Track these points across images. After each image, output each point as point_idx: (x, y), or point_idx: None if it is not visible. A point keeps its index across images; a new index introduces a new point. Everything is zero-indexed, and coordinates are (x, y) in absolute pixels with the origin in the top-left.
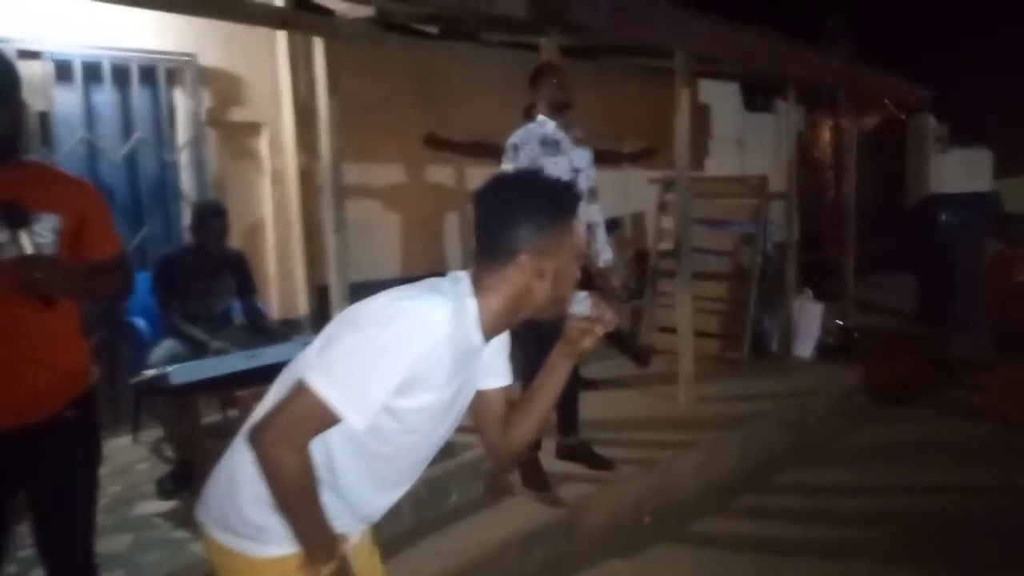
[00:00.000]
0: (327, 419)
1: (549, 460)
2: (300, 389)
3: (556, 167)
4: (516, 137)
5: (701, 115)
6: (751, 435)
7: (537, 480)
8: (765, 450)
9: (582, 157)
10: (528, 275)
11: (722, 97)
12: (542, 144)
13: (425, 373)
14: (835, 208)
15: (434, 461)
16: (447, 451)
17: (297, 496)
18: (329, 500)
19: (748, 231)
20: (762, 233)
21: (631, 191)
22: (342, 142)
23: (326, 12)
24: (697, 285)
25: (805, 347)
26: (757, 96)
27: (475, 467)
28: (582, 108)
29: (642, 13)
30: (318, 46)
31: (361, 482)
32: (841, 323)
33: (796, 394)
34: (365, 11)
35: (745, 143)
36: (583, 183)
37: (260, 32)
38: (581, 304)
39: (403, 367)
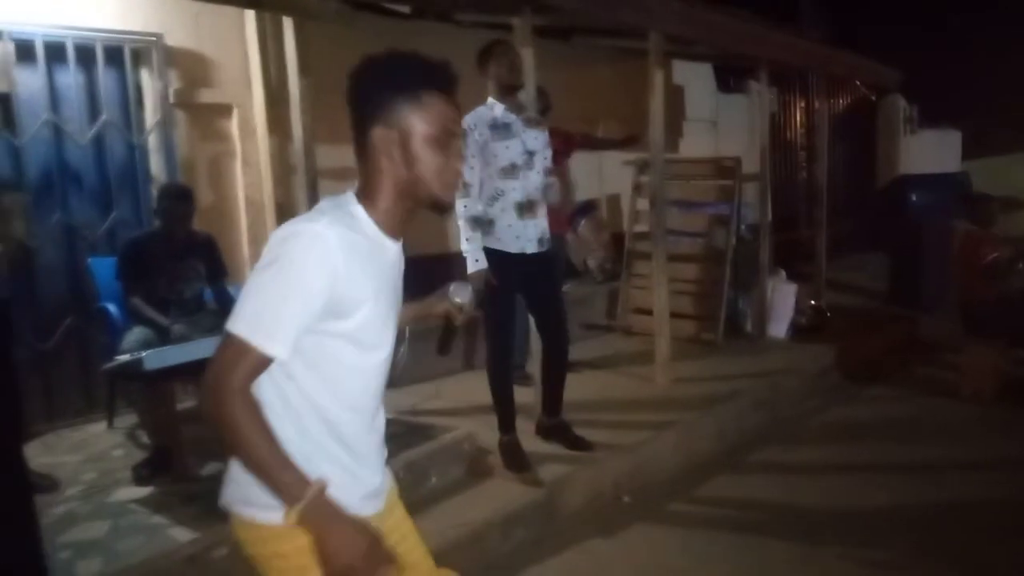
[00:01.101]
0: (253, 359)
1: (529, 440)
2: (225, 339)
3: (508, 151)
4: (466, 121)
5: (675, 96)
6: (727, 415)
7: (517, 461)
8: (741, 429)
9: (536, 139)
10: (381, 154)
11: (696, 78)
12: (491, 128)
13: (345, 290)
14: (807, 189)
15: (414, 444)
16: (427, 433)
17: (251, 442)
18: (336, 454)
19: (722, 213)
20: (736, 215)
21: (606, 173)
22: (314, 123)
23: None
24: (672, 267)
25: (779, 327)
26: (730, 77)
27: (455, 449)
28: (555, 91)
29: None
30: (288, 26)
31: (352, 419)
32: (814, 303)
33: (770, 374)
34: None
35: (719, 124)
36: (539, 165)
37: (228, 11)
38: (462, 293)
39: (309, 293)
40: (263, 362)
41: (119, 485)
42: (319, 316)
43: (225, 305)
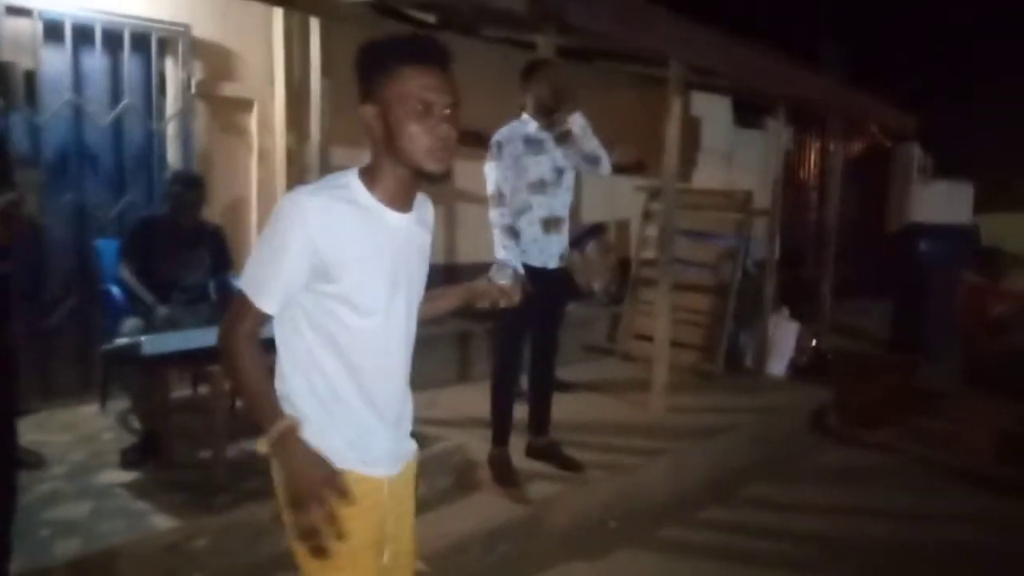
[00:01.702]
0: (252, 312)
1: (519, 458)
2: (235, 294)
3: (538, 166)
4: (500, 135)
5: (692, 127)
6: (720, 447)
7: (507, 477)
8: (733, 463)
9: (566, 156)
10: (371, 129)
11: (713, 111)
12: (525, 143)
13: (327, 253)
14: (817, 229)
15: None
16: (418, 442)
17: (243, 377)
18: (340, 410)
19: (730, 245)
20: (744, 248)
21: (617, 198)
22: (333, 124)
23: None
24: (677, 295)
25: (779, 365)
26: (748, 113)
27: (444, 460)
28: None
29: (641, 19)
30: (314, 26)
31: (358, 379)
32: (815, 344)
33: (767, 410)
34: None
35: (733, 158)
36: (568, 183)
37: (256, 7)
38: (504, 275)
39: (288, 255)
40: (260, 315)
41: (106, 468)
42: (309, 276)
43: (225, 296)
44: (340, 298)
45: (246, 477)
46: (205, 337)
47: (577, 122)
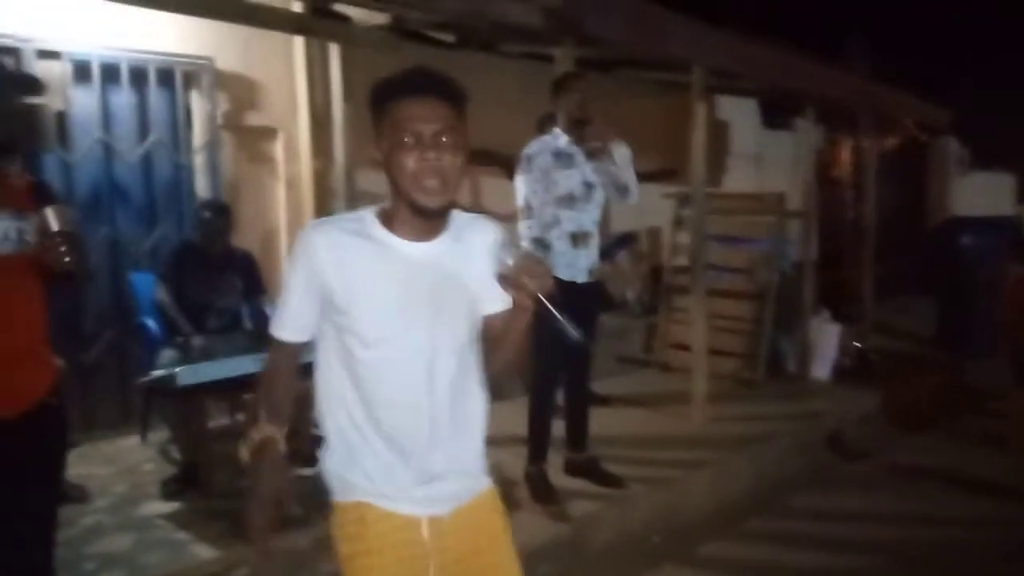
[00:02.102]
0: (274, 340)
1: (558, 475)
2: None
3: (568, 180)
4: (531, 148)
5: (719, 131)
6: (764, 457)
7: (545, 494)
8: (778, 472)
9: (596, 171)
10: (380, 162)
11: (740, 114)
12: (555, 156)
13: (338, 284)
14: (854, 228)
15: None
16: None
17: (255, 390)
18: (358, 441)
19: (764, 249)
20: (779, 251)
21: (647, 206)
22: (357, 148)
23: (343, 18)
24: (713, 302)
25: (822, 369)
26: (776, 114)
27: None
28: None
29: (658, 25)
30: (334, 52)
31: (373, 411)
32: (859, 345)
33: (811, 416)
34: (381, 18)
35: (763, 160)
36: (597, 198)
37: (277, 37)
38: (506, 251)
39: (296, 285)
40: (278, 342)
41: (147, 499)
42: (322, 306)
43: (259, 322)
44: (349, 329)
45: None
46: (239, 366)
47: (620, 153)
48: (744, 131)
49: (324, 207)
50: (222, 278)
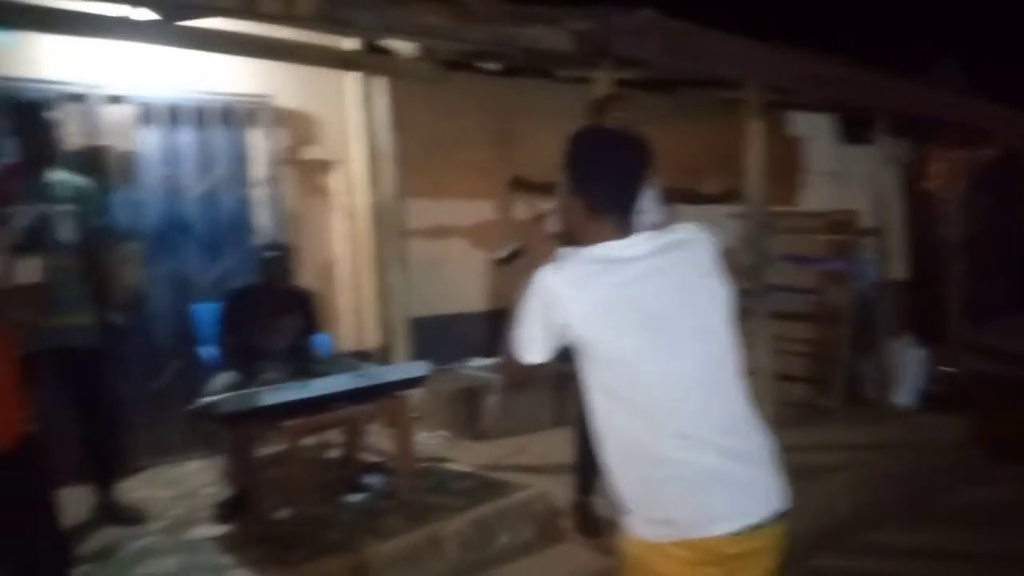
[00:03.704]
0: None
1: (607, 507)
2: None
3: None
4: None
5: (793, 148)
6: (837, 489)
7: (591, 527)
8: (853, 506)
9: (643, 196)
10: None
11: (816, 129)
12: None
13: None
14: (945, 245)
15: (486, 500)
16: (500, 490)
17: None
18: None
19: (836, 269)
20: (855, 271)
21: (711, 226)
22: (408, 179)
23: (389, 53)
24: (782, 325)
25: (906, 394)
26: (857, 128)
27: (527, 509)
28: (654, 143)
29: (698, 44)
30: (381, 86)
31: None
32: (948, 369)
33: (892, 446)
34: (410, 49)
35: (843, 177)
36: (645, 222)
37: (333, 73)
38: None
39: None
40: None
41: (201, 522)
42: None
43: (306, 358)
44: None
45: (324, 532)
46: (280, 393)
47: (651, 195)
48: (821, 147)
49: (379, 236)
50: (281, 319)
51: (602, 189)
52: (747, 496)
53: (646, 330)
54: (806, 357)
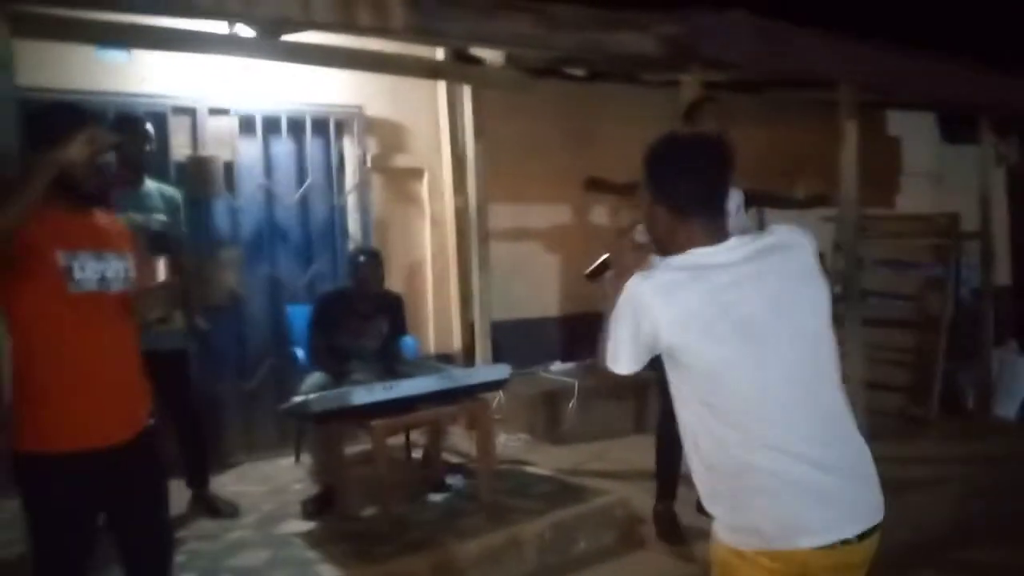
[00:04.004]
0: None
1: (689, 514)
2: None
3: None
4: None
5: (890, 148)
6: (929, 503)
7: (672, 533)
8: (947, 522)
9: (730, 200)
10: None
11: (915, 129)
12: None
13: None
14: None
15: (566, 505)
16: (580, 495)
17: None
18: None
19: (936, 274)
20: (954, 277)
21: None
22: (491, 185)
23: (476, 61)
24: (876, 332)
25: (1008, 406)
26: (958, 127)
27: (607, 514)
28: (745, 146)
29: (788, 44)
30: (466, 93)
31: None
32: None
33: (990, 459)
34: (497, 57)
35: (944, 178)
36: (732, 226)
37: (422, 83)
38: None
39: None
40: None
41: (289, 518)
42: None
43: (393, 359)
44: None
45: (407, 530)
46: (367, 394)
47: (733, 199)
48: (920, 147)
49: (464, 241)
50: (370, 322)
51: (685, 190)
52: (838, 510)
53: (738, 338)
54: (902, 366)
